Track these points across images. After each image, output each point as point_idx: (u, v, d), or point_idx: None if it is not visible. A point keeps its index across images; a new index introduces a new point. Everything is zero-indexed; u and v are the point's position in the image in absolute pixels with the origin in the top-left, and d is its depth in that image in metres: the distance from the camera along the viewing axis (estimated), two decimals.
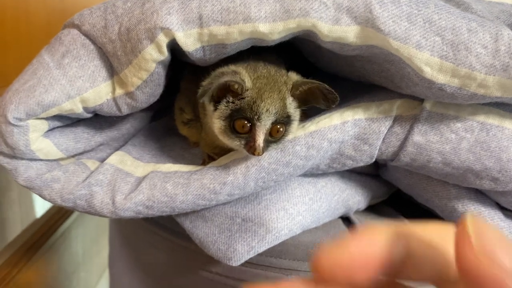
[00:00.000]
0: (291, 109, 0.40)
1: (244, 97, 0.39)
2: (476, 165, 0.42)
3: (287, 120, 0.40)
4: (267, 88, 0.39)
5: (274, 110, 0.39)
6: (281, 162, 0.43)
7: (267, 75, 0.41)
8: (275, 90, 0.40)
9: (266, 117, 0.39)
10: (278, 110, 0.39)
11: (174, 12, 0.37)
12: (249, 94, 0.39)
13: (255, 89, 0.39)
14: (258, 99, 0.39)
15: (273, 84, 0.40)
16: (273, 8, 0.36)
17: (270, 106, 0.39)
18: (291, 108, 0.40)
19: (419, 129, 0.42)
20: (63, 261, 0.95)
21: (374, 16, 0.36)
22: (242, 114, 0.39)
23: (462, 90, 0.37)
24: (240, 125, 0.39)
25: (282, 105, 0.39)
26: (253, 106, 0.39)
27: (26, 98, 0.39)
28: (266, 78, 0.40)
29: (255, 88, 0.39)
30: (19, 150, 0.40)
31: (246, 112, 0.39)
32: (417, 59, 0.36)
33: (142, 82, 0.40)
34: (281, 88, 0.40)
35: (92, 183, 0.43)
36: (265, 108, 0.39)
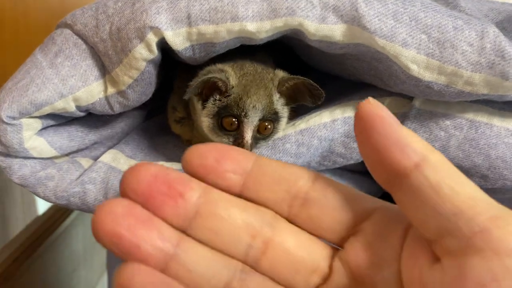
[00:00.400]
0: (278, 106, 0.41)
1: (230, 94, 0.40)
2: (465, 163, 0.42)
3: (275, 117, 0.41)
4: (253, 84, 0.40)
5: (260, 106, 0.39)
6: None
7: (253, 72, 0.41)
8: (262, 87, 0.40)
9: (253, 113, 0.39)
10: (265, 106, 0.40)
11: (163, 12, 0.38)
12: (235, 91, 0.40)
13: (241, 86, 0.40)
14: (244, 95, 0.39)
15: (259, 81, 0.40)
16: (260, 7, 0.37)
17: (257, 102, 0.39)
18: (278, 104, 0.41)
19: (409, 127, 0.42)
20: (64, 259, 0.95)
21: (360, 15, 0.36)
22: (229, 111, 0.40)
23: (449, 88, 0.37)
24: (228, 122, 0.40)
25: (269, 101, 0.40)
26: (240, 103, 0.39)
27: (19, 97, 0.39)
28: (253, 75, 0.41)
29: (241, 85, 0.40)
30: (13, 148, 0.41)
31: (233, 109, 0.39)
32: (404, 57, 0.37)
33: (133, 81, 0.41)
34: (267, 85, 0.40)
35: (86, 181, 0.44)
36: (252, 104, 0.39)
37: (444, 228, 0.23)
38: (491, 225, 0.22)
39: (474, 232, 0.22)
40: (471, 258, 0.22)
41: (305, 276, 0.29)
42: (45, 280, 0.87)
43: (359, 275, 0.28)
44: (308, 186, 0.29)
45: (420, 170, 0.24)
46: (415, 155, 0.24)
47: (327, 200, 0.29)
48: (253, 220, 0.29)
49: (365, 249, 0.28)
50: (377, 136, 0.25)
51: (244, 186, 0.29)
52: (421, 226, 0.25)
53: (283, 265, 0.28)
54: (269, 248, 0.29)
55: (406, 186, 0.25)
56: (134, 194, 0.27)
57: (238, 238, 0.28)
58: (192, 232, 0.28)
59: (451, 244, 0.23)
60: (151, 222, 0.27)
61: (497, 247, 0.22)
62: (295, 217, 0.29)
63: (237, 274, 0.28)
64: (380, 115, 0.25)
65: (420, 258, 0.25)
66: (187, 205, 0.28)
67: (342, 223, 0.29)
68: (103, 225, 0.26)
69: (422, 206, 0.24)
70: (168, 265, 0.27)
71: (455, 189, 0.23)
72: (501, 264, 0.21)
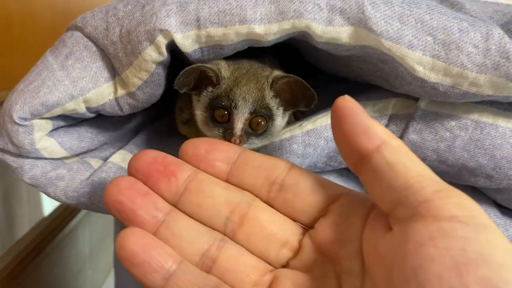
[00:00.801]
0: (271, 103, 0.41)
1: (221, 85, 0.40)
2: (471, 163, 0.42)
3: (268, 113, 0.41)
4: (245, 77, 0.40)
5: (251, 98, 0.40)
6: None
7: (247, 67, 0.42)
8: (253, 80, 0.40)
9: (242, 104, 0.39)
10: (256, 99, 0.40)
11: (172, 15, 0.38)
12: (226, 82, 0.40)
13: (233, 78, 0.40)
14: (235, 86, 0.40)
15: (251, 75, 0.41)
16: (268, 10, 0.37)
17: (247, 94, 0.40)
18: (271, 102, 0.41)
19: (414, 128, 0.43)
20: (70, 259, 0.96)
21: (367, 17, 0.37)
22: (220, 103, 0.40)
23: (455, 89, 0.38)
24: (219, 114, 0.40)
25: (260, 95, 0.40)
26: (230, 94, 0.40)
27: (31, 98, 0.40)
28: (246, 70, 0.41)
29: (233, 77, 0.41)
30: (25, 149, 0.41)
31: (223, 100, 0.40)
32: (409, 58, 0.37)
33: (142, 83, 0.41)
34: (259, 79, 0.41)
35: (96, 181, 0.44)
36: (241, 96, 0.39)
37: (396, 200, 0.28)
38: (434, 196, 0.26)
39: (419, 202, 0.26)
40: (414, 224, 0.26)
41: (276, 248, 0.33)
42: (51, 280, 0.88)
43: (325, 250, 0.32)
44: (284, 174, 0.34)
45: (380, 151, 0.29)
46: (377, 139, 0.29)
47: (300, 186, 0.34)
48: (233, 198, 0.34)
49: (332, 228, 0.32)
50: (348, 125, 0.30)
51: (230, 173, 0.35)
52: (379, 201, 0.29)
53: (256, 237, 0.34)
54: (245, 222, 0.34)
55: (369, 166, 0.29)
56: (136, 172, 0.35)
57: (218, 212, 0.34)
58: (181, 205, 0.34)
59: (401, 214, 0.27)
60: (148, 195, 0.34)
61: (436, 214, 0.25)
62: (273, 201, 0.35)
63: (216, 242, 0.33)
64: (351, 107, 0.30)
65: (377, 231, 0.29)
66: (178, 182, 0.34)
67: (313, 206, 0.33)
68: (110, 195, 0.33)
69: (380, 182, 0.29)
70: (158, 230, 0.33)
71: (407, 168, 0.28)
72: (438, 227, 0.25)
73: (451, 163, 0.43)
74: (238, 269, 0.33)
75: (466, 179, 0.44)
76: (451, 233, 0.24)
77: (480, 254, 0.23)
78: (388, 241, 0.28)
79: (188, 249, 0.33)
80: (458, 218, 0.25)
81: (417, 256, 0.24)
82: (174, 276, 0.31)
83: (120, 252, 0.31)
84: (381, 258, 0.28)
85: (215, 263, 0.33)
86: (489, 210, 0.46)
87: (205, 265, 0.33)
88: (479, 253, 0.23)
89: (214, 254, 0.33)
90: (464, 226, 0.25)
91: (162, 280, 0.31)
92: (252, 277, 0.33)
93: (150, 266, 0.31)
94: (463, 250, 0.23)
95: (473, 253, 0.23)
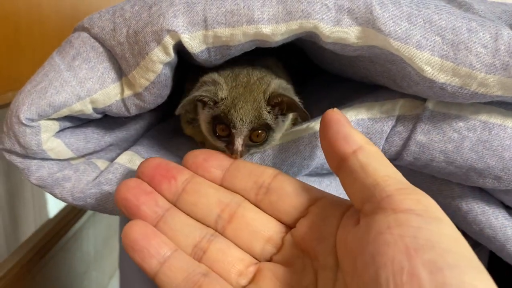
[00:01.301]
0: (269, 118, 0.41)
1: (220, 105, 0.41)
2: (479, 164, 0.42)
3: (267, 127, 0.41)
4: (241, 98, 0.41)
5: (248, 119, 0.40)
6: (285, 163, 0.43)
7: (245, 84, 0.42)
8: (249, 100, 0.41)
9: (241, 125, 0.40)
10: (253, 119, 0.41)
11: (180, 15, 0.38)
12: (225, 103, 0.41)
13: (230, 99, 0.41)
14: (232, 108, 0.41)
15: (248, 93, 0.41)
16: (275, 10, 0.37)
17: (244, 116, 0.40)
18: (269, 117, 0.41)
19: (422, 129, 0.42)
20: (75, 261, 0.96)
21: (375, 17, 0.36)
22: (220, 120, 0.41)
23: (463, 89, 0.38)
24: (220, 129, 0.42)
25: (256, 114, 0.41)
26: (228, 115, 0.41)
27: (38, 99, 0.40)
28: (244, 87, 0.42)
29: (230, 98, 0.41)
30: (31, 149, 0.41)
31: (223, 119, 0.41)
32: (418, 59, 0.37)
33: (149, 83, 0.41)
34: (256, 98, 0.41)
35: (102, 182, 0.44)
36: (239, 117, 0.40)
37: (365, 197, 0.31)
38: (396, 192, 0.30)
39: (382, 198, 0.30)
40: (376, 216, 0.29)
41: (260, 244, 0.38)
42: (56, 281, 0.88)
43: (305, 247, 0.36)
44: (271, 179, 0.39)
45: (355, 154, 0.33)
46: (354, 144, 0.34)
47: (284, 190, 0.38)
48: (224, 199, 0.39)
49: (311, 227, 0.36)
50: (332, 132, 0.35)
51: (223, 178, 0.40)
52: (353, 198, 0.33)
53: (243, 233, 0.38)
54: (234, 219, 0.38)
55: (346, 167, 0.34)
56: (142, 175, 0.40)
57: (210, 210, 0.39)
58: (179, 204, 0.39)
59: (367, 208, 0.31)
60: (151, 194, 0.39)
61: (395, 207, 0.29)
62: (260, 203, 0.39)
63: (208, 236, 0.38)
64: (337, 117, 0.36)
65: (348, 227, 0.33)
66: (177, 184, 0.39)
67: (295, 207, 0.37)
68: (119, 193, 0.39)
69: (354, 181, 0.33)
70: (158, 224, 0.38)
71: (376, 169, 0.32)
72: (395, 218, 0.28)
73: (459, 164, 0.42)
74: (226, 260, 0.37)
75: (474, 180, 0.44)
76: (406, 222, 0.27)
77: (429, 241, 0.26)
78: (355, 233, 0.31)
79: (182, 241, 0.37)
80: (414, 211, 0.28)
81: (375, 243, 0.28)
82: (168, 262, 0.36)
83: (124, 239, 0.36)
84: (349, 250, 0.31)
85: (205, 254, 0.37)
86: (497, 212, 0.46)
87: (196, 255, 0.37)
88: (428, 240, 0.26)
89: (205, 246, 0.37)
90: (418, 217, 0.28)
91: (158, 265, 0.36)
92: (238, 268, 0.37)
93: (148, 252, 0.36)
94: (415, 237, 0.26)
95: (423, 240, 0.26)
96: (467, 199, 0.46)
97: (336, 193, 0.48)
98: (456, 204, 0.47)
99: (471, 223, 0.47)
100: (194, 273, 0.35)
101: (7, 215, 0.87)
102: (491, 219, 0.46)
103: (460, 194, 0.46)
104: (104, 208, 0.44)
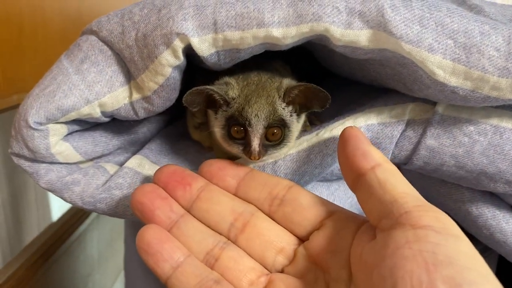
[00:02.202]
0: (284, 114, 0.41)
1: (233, 105, 0.41)
2: (490, 168, 0.42)
3: (282, 123, 0.41)
4: (255, 94, 0.41)
5: (263, 114, 0.40)
6: (297, 173, 0.43)
7: (256, 82, 0.42)
8: (263, 96, 0.41)
9: (256, 122, 0.40)
10: (268, 114, 0.40)
11: (189, 18, 0.38)
12: (237, 101, 0.41)
13: (243, 96, 0.41)
14: (246, 105, 0.40)
15: (261, 89, 0.41)
16: (286, 13, 0.37)
17: (258, 111, 0.40)
18: (284, 112, 0.41)
19: (432, 133, 0.42)
20: (79, 264, 0.96)
21: (386, 20, 0.36)
22: (235, 121, 0.40)
23: (475, 93, 0.37)
24: (236, 131, 0.41)
25: (271, 109, 0.40)
26: (243, 112, 0.40)
27: (46, 103, 0.40)
28: (256, 85, 0.42)
29: (243, 95, 0.41)
30: (40, 153, 0.41)
31: (237, 118, 0.40)
32: (430, 62, 0.36)
33: (158, 87, 0.41)
34: (270, 93, 0.41)
35: (112, 187, 0.44)
36: (253, 113, 0.40)
37: (383, 212, 0.32)
38: (414, 209, 0.30)
39: (401, 214, 0.30)
40: (394, 231, 0.30)
41: (272, 254, 0.38)
42: (60, 284, 0.88)
43: (317, 260, 0.36)
44: (285, 191, 0.39)
45: (373, 171, 0.34)
46: (372, 161, 0.34)
47: (298, 202, 0.38)
48: (237, 208, 0.39)
49: (325, 240, 0.36)
50: (351, 147, 0.36)
51: (238, 188, 0.41)
52: (369, 214, 0.34)
53: (255, 242, 0.38)
54: (246, 229, 0.38)
55: (363, 183, 0.34)
56: (158, 180, 0.40)
57: (224, 218, 0.39)
58: (193, 211, 0.40)
59: (385, 224, 0.31)
60: (166, 199, 0.39)
61: (414, 223, 0.29)
62: (273, 213, 0.39)
63: (220, 244, 0.38)
64: (355, 134, 0.36)
65: (363, 241, 0.33)
66: (192, 191, 0.40)
67: (308, 220, 0.38)
68: (135, 196, 0.39)
69: (371, 197, 0.33)
70: (171, 229, 0.38)
71: (394, 186, 0.32)
72: (414, 233, 0.29)
73: (470, 168, 0.42)
74: (237, 268, 0.37)
75: (485, 185, 0.43)
76: (425, 238, 0.28)
77: (448, 257, 0.27)
78: (371, 247, 0.31)
79: (195, 248, 0.38)
80: (432, 227, 0.29)
81: (393, 257, 0.28)
82: (181, 267, 0.36)
83: (139, 242, 0.37)
84: (364, 263, 0.31)
85: (218, 261, 0.37)
86: (507, 216, 0.46)
87: (208, 262, 0.37)
88: (447, 256, 0.27)
89: (217, 254, 0.38)
90: (436, 234, 0.28)
91: (171, 269, 0.36)
92: (249, 277, 0.37)
93: (161, 256, 0.36)
94: (434, 253, 0.27)
95: (442, 256, 0.27)
96: (477, 203, 0.46)
97: (344, 196, 0.48)
98: (466, 208, 0.46)
99: (482, 227, 0.46)
100: (206, 279, 0.36)
101: (11, 218, 0.87)
102: (502, 223, 0.45)
103: (470, 198, 0.46)
104: (115, 212, 0.44)
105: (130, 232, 0.68)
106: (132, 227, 0.65)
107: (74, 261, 0.93)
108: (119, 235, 1.13)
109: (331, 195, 0.47)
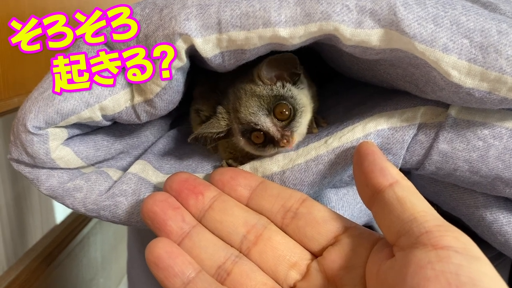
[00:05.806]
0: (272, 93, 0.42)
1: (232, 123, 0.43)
2: (506, 173, 0.40)
3: (278, 99, 0.42)
4: (236, 101, 0.43)
5: (254, 108, 0.41)
6: (305, 183, 0.42)
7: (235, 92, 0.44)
8: (241, 96, 0.42)
9: (255, 118, 0.41)
10: (259, 104, 0.41)
11: (192, 18, 0.36)
12: (232, 118, 0.43)
13: (232, 111, 0.43)
14: (239, 114, 0.42)
15: (239, 94, 0.43)
16: (293, 12, 0.35)
17: (248, 109, 0.42)
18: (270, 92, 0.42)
19: (445, 137, 0.40)
20: (82, 267, 0.95)
21: (399, 19, 0.34)
22: (245, 131, 0.42)
23: (492, 95, 0.36)
24: (255, 136, 0.42)
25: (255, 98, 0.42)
26: (242, 121, 0.42)
27: (45, 106, 0.38)
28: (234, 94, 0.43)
29: (232, 111, 0.43)
30: (40, 159, 0.40)
31: (245, 127, 0.42)
32: (444, 62, 0.35)
33: (161, 89, 0.40)
34: (245, 88, 0.42)
35: (116, 194, 0.43)
36: (247, 114, 0.41)
37: (402, 230, 0.32)
38: (435, 229, 0.30)
39: (421, 233, 0.30)
40: (415, 250, 0.30)
41: (285, 269, 0.37)
42: None
43: (331, 276, 0.35)
44: (299, 203, 0.39)
45: (392, 188, 0.34)
46: (390, 178, 0.34)
47: (312, 215, 0.38)
48: (250, 220, 0.39)
49: (339, 256, 0.36)
50: (368, 163, 0.35)
51: (250, 198, 0.40)
52: (387, 231, 0.33)
53: (268, 256, 0.37)
54: (259, 242, 0.38)
55: (381, 200, 0.34)
56: (170, 189, 0.40)
57: (236, 230, 0.38)
58: (205, 221, 0.39)
59: (404, 242, 0.31)
60: (178, 209, 0.39)
61: (435, 243, 0.29)
62: (286, 227, 0.39)
63: (232, 257, 0.37)
64: (372, 150, 0.36)
65: (380, 259, 0.33)
66: (204, 200, 0.39)
67: (322, 234, 0.37)
68: (146, 205, 0.38)
69: (389, 214, 0.33)
70: (183, 240, 0.37)
71: (413, 203, 0.32)
72: (436, 254, 0.29)
73: (484, 173, 0.40)
74: (249, 284, 0.36)
75: (500, 190, 0.42)
76: (447, 259, 0.28)
77: (471, 279, 0.27)
78: (390, 266, 0.31)
79: (206, 260, 0.37)
80: (454, 248, 0.29)
81: (416, 276, 0.28)
82: (192, 282, 0.35)
83: (149, 256, 0.35)
84: (382, 281, 0.31)
85: (229, 276, 0.36)
86: None
87: (220, 276, 0.37)
88: (470, 278, 0.27)
89: (229, 268, 0.37)
90: (458, 255, 0.28)
91: (182, 285, 0.35)
92: None
93: (172, 270, 0.35)
94: (457, 274, 0.27)
95: (465, 277, 0.27)
96: (491, 209, 0.44)
97: (353, 202, 0.46)
98: (480, 213, 0.45)
99: (496, 233, 0.45)
100: None
101: (14, 221, 0.87)
102: None
103: (484, 204, 0.44)
104: (119, 219, 0.43)
105: (133, 237, 0.67)
106: (136, 232, 0.64)
107: (78, 265, 0.93)
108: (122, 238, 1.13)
109: (339, 200, 0.45)
